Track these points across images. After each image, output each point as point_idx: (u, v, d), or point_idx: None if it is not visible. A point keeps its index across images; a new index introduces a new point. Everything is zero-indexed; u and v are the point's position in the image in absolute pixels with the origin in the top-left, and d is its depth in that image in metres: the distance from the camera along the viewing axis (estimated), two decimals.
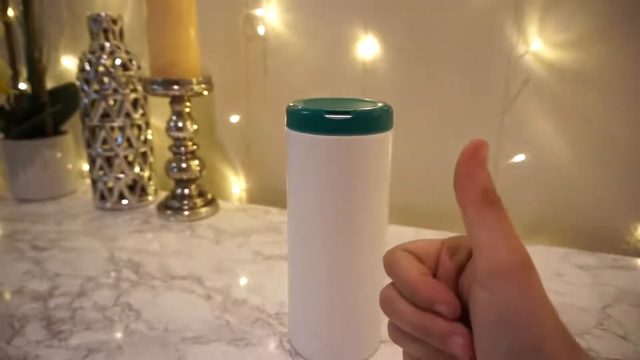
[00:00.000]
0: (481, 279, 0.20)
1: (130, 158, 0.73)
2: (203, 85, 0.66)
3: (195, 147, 0.70)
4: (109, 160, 0.72)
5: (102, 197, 0.73)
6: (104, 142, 0.71)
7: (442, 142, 0.65)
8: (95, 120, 0.70)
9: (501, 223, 0.21)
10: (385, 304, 0.25)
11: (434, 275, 0.25)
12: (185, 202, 0.70)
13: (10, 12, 0.73)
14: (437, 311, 0.22)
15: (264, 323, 0.44)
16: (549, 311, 0.20)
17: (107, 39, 0.69)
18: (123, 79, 0.69)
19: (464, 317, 0.22)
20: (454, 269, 0.25)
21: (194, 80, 0.65)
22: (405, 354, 0.26)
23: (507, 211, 0.22)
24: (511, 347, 0.19)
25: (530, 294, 0.20)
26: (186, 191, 0.71)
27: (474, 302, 0.21)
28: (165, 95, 0.65)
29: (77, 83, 0.71)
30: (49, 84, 0.77)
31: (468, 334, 0.22)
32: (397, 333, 0.25)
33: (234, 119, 0.78)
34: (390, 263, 0.25)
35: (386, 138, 0.34)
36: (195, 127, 0.69)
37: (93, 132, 0.71)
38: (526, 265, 0.20)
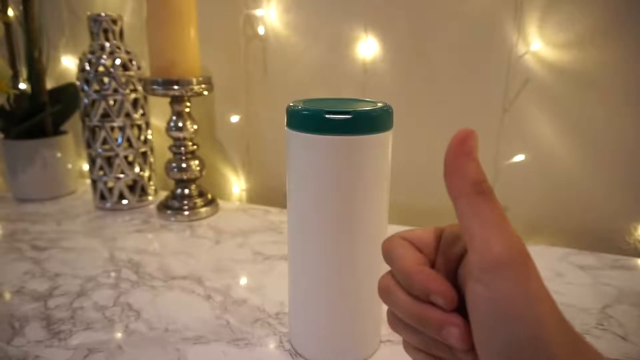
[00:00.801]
0: (476, 273, 0.20)
1: (130, 158, 0.73)
2: (203, 85, 0.66)
3: (195, 147, 0.70)
4: (109, 160, 0.72)
5: (102, 197, 0.73)
6: (104, 142, 0.71)
7: (442, 142, 0.65)
8: (95, 120, 0.70)
9: (493, 214, 0.21)
10: (383, 293, 0.25)
11: (433, 265, 0.25)
12: (185, 202, 0.70)
13: (10, 12, 0.73)
14: (433, 302, 0.22)
15: (264, 323, 0.44)
16: (548, 305, 0.20)
17: (107, 39, 0.69)
18: (123, 79, 0.69)
19: (462, 307, 0.22)
20: (453, 258, 0.24)
21: (194, 80, 0.65)
22: (405, 342, 0.26)
23: (507, 212, 0.21)
24: (509, 341, 0.19)
25: (527, 288, 0.19)
26: (186, 191, 0.71)
27: (469, 296, 0.21)
28: (165, 95, 0.65)
29: (77, 83, 0.71)
30: (49, 84, 0.77)
31: (464, 325, 0.21)
32: (396, 321, 0.25)
33: (234, 119, 0.78)
34: (388, 251, 0.25)
35: (386, 138, 0.34)
36: (195, 127, 0.69)
37: (93, 132, 0.71)
38: (522, 258, 0.20)
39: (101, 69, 0.68)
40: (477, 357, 0.21)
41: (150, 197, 0.76)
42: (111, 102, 0.69)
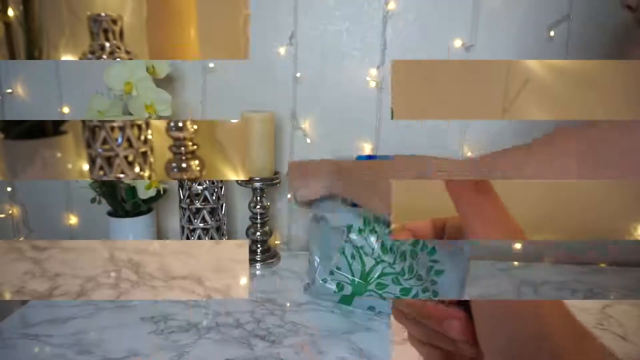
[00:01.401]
0: None
1: (130, 158, 0.73)
2: None
3: (195, 147, 0.70)
4: (109, 160, 0.72)
5: None
6: (104, 142, 0.71)
7: None
8: (95, 120, 0.69)
9: (495, 211, 0.21)
10: None
11: None
12: None
13: (11, 12, 0.73)
14: None
15: None
16: (551, 300, 0.20)
17: (107, 39, 0.69)
18: None
19: (466, 301, 0.22)
20: None
21: None
22: (409, 335, 0.27)
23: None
24: (511, 338, 0.19)
25: None
26: None
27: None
28: None
29: None
30: None
31: (465, 318, 0.22)
32: (400, 314, 0.25)
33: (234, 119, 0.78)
34: None
35: None
36: (195, 127, 0.68)
37: (93, 132, 0.71)
38: None
39: None
40: (480, 349, 0.21)
41: None
42: None
